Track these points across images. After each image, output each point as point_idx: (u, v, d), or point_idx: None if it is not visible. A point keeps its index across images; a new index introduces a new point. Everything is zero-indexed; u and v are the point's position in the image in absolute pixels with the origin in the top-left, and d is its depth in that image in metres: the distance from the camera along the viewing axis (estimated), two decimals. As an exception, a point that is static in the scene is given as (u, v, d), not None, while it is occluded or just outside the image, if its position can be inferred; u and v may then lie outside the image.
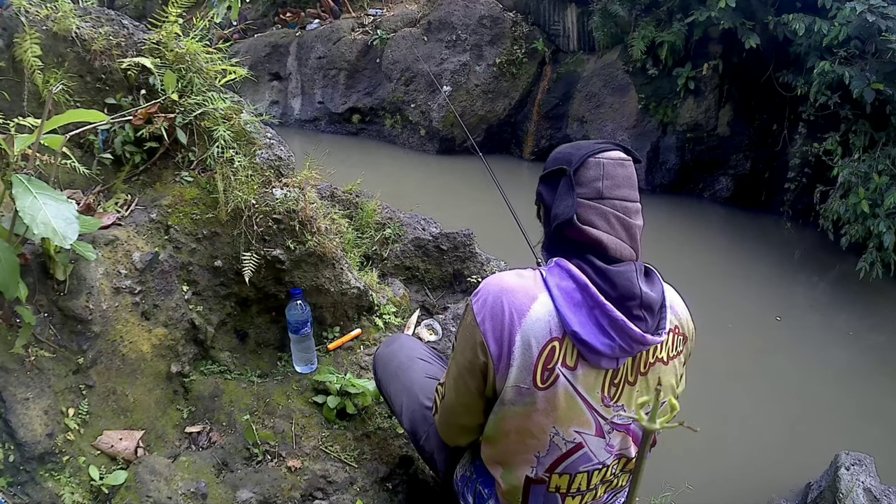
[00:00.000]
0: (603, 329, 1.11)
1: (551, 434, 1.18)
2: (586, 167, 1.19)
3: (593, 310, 1.11)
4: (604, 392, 1.17)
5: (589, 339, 1.11)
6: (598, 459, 1.23)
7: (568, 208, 1.17)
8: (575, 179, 1.19)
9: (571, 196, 1.18)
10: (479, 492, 1.39)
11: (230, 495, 1.59)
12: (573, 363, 1.13)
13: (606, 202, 1.17)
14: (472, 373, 1.21)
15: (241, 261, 1.84)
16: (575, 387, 1.15)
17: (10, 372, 1.43)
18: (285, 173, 1.99)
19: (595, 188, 1.18)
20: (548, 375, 1.13)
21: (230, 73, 1.97)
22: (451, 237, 2.70)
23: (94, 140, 1.85)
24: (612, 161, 1.20)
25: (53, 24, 1.82)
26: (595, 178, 1.18)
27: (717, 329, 4.38)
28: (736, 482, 3.04)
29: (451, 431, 1.39)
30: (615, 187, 1.18)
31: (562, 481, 1.24)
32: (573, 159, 1.21)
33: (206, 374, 1.88)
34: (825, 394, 3.80)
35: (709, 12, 5.72)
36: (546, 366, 1.13)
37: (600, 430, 1.20)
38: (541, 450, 1.20)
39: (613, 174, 1.19)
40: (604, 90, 7.00)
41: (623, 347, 1.12)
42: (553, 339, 1.12)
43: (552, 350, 1.13)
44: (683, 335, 1.27)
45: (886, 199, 4.52)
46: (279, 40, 8.92)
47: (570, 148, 1.26)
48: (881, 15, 4.62)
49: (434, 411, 1.41)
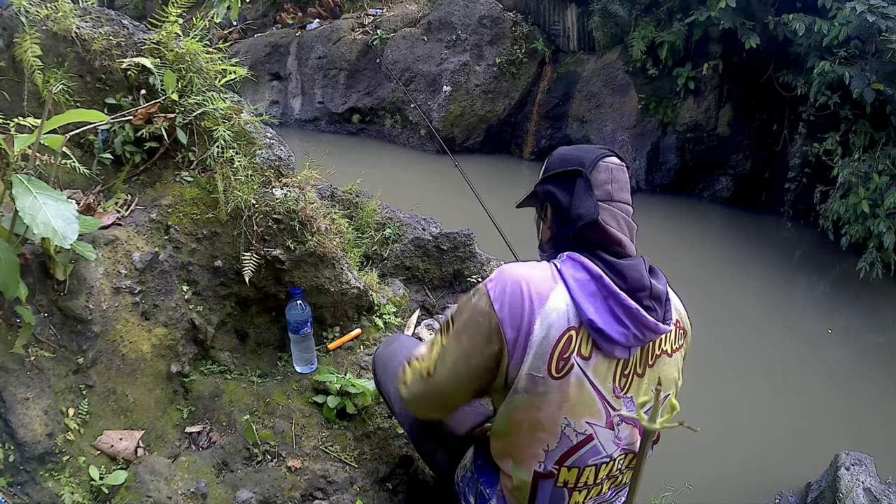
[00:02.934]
0: (618, 318, 1.14)
1: (563, 426, 1.18)
2: (598, 170, 1.25)
3: (607, 299, 1.14)
4: (615, 383, 1.19)
5: (605, 327, 1.13)
6: (606, 452, 1.24)
7: (592, 209, 1.21)
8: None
9: (591, 197, 1.22)
10: (480, 492, 1.39)
11: (230, 495, 1.59)
12: (588, 353, 1.15)
13: (615, 204, 1.24)
14: (475, 358, 1.19)
15: (241, 261, 1.84)
16: (588, 377, 1.16)
17: (10, 372, 1.43)
18: (285, 173, 1.99)
19: (606, 191, 1.24)
20: (563, 365, 1.14)
21: (230, 73, 1.97)
22: (451, 237, 2.70)
23: (94, 140, 1.85)
24: (617, 166, 1.27)
25: (53, 24, 1.82)
26: (606, 181, 1.24)
27: (716, 329, 4.38)
28: (736, 482, 3.05)
29: (428, 407, 1.37)
30: (621, 191, 1.25)
31: (570, 475, 1.24)
32: (586, 161, 1.25)
33: (206, 374, 1.88)
34: (825, 394, 3.80)
35: (709, 12, 5.72)
36: (562, 355, 1.14)
37: (610, 421, 1.21)
38: (550, 443, 1.20)
39: (619, 178, 1.26)
40: (604, 90, 7.00)
41: (637, 336, 1.15)
42: (570, 328, 1.14)
43: (569, 339, 1.14)
44: (684, 329, 1.31)
45: (886, 199, 4.52)
46: (279, 40, 8.92)
47: (577, 151, 1.31)
48: (881, 15, 4.62)
49: (403, 382, 1.36)
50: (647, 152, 6.70)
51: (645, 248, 1.27)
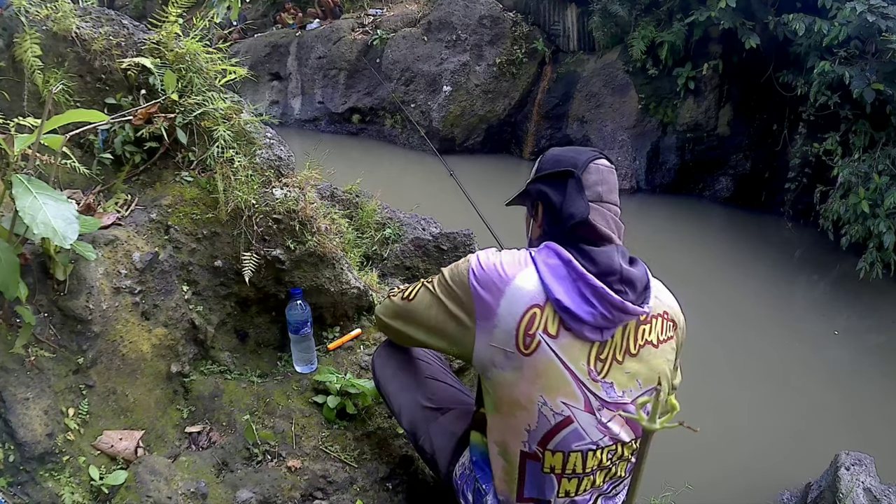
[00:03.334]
0: (585, 298, 1.20)
1: (539, 404, 1.23)
2: (589, 172, 1.30)
3: (576, 281, 1.21)
4: (590, 365, 1.23)
5: (571, 306, 1.19)
6: (591, 438, 1.25)
7: (583, 208, 1.27)
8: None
9: (582, 197, 1.28)
10: (477, 488, 1.40)
11: (230, 495, 1.59)
12: (555, 331, 1.21)
13: (604, 205, 1.29)
14: (447, 305, 1.32)
15: (241, 261, 1.84)
16: (558, 355, 1.21)
17: (10, 372, 1.43)
18: (285, 173, 1.99)
19: (597, 192, 1.29)
20: (529, 341, 1.20)
21: (230, 73, 1.97)
22: (451, 237, 2.70)
23: (94, 140, 1.85)
24: (607, 168, 1.33)
25: (53, 24, 1.82)
26: (597, 182, 1.30)
27: (716, 329, 4.38)
28: (736, 482, 3.05)
29: (396, 321, 1.49)
30: (610, 192, 1.31)
31: (556, 460, 1.26)
32: (578, 163, 1.31)
33: (206, 374, 1.88)
34: (825, 394, 3.80)
35: (709, 12, 5.72)
36: (527, 331, 1.20)
37: (589, 405, 1.24)
38: (531, 422, 1.25)
39: (609, 180, 1.32)
40: (604, 90, 7.00)
41: (605, 315, 1.20)
42: (534, 305, 1.21)
43: (533, 316, 1.20)
44: (673, 321, 1.34)
45: (886, 199, 4.52)
46: (279, 40, 8.93)
47: (570, 152, 1.36)
48: (881, 15, 4.62)
49: (381, 301, 1.48)
50: (647, 152, 6.71)
51: (645, 247, 1.28)
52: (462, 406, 1.58)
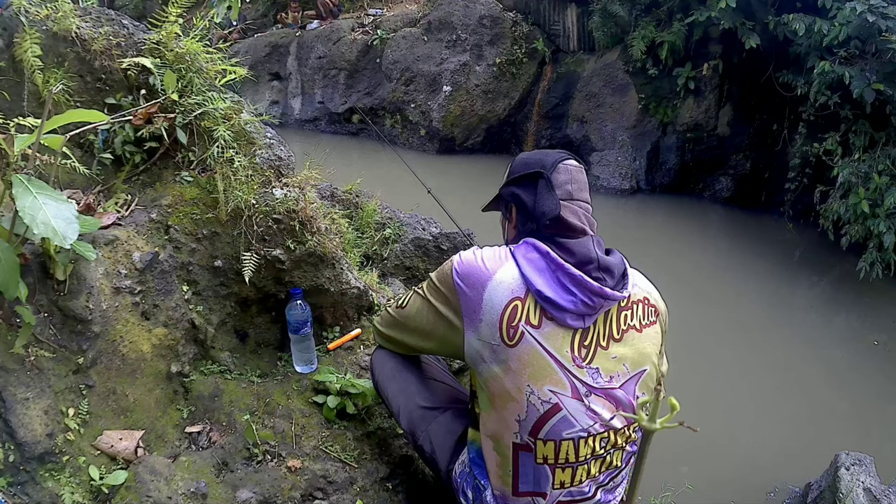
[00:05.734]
0: (565, 287, 1.23)
1: (527, 393, 1.25)
2: (558, 171, 1.35)
3: (555, 272, 1.25)
4: (573, 352, 1.25)
5: (552, 296, 1.23)
6: (581, 425, 1.26)
7: (555, 206, 1.31)
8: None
9: (553, 196, 1.33)
10: (476, 485, 1.41)
11: (230, 495, 1.59)
12: (537, 321, 1.24)
13: (575, 202, 1.34)
14: (437, 308, 1.36)
15: (241, 261, 1.84)
16: (541, 344, 1.24)
17: (10, 372, 1.43)
18: (285, 173, 1.99)
19: (567, 190, 1.34)
20: (513, 333, 1.24)
21: (230, 73, 1.97)
22: (451, 237, 2.70)
23: (94, 140, 1.85)
24: (576, 167, 1.38)
25: (53, 24, 1.82)
26: (566, 181, 1.35)
27: (716, 328, 4.38)
28: (736, 482, 3.05)
29: (393, 330, 1.55)
30: (580, 190, 1.36)
31: (548, 450, 1.28)
32: (546, 164, 1.36)
33: (206, 374, 1.88)
34: (825, 394, 3.80)
35: (709, 12, 5.72)
36: (510, 323, 1.24)
37: (576, 391, 1.25)
38: (520, 413, 1.27)
39: (578, 178, 1.37)
40: (604, 90, 7.00)
41: (585, 302, 1.23)
42: (516, 298, 1.25)
43: (514, 308, 1.24)
44: (654, 307, 1.38)
45: (886, 200, 4.52)
46: (279, 40, 8.93)
47: (538, 154, 1.42)
48: (881, 15, 4.63)
49: (379, 314, 1.53)
50: (647, 152, 6.71)
51: (645, 247, 1.30)
52: (460, 405, 1.59)
